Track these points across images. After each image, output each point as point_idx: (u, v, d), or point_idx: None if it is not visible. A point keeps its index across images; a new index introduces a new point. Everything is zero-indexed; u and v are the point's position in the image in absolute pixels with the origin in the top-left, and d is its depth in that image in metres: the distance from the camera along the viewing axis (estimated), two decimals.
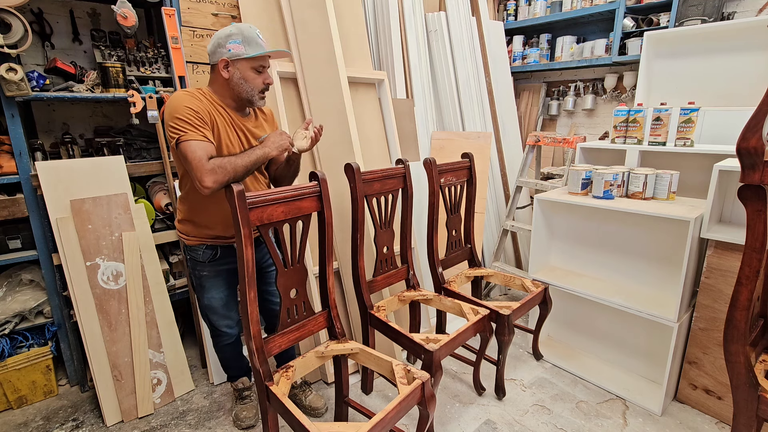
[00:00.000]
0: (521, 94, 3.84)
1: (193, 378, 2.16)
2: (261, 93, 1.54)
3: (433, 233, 2.09)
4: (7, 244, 1.97)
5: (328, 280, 1.64)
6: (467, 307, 1.88)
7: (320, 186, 1.56)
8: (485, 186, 2.79)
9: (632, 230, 2.12)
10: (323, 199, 1.56)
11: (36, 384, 2.04)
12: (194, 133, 1.36)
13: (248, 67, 1.48)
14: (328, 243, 1.61)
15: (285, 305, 1.51)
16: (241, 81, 1.49)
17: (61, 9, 2.25)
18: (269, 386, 1.39)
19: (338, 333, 1.66)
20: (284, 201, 1.45)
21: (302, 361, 1.56)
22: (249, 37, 1.46)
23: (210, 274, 1.68)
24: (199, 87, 1.55)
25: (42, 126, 2.28)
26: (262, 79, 1.52)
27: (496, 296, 3.11)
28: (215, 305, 1.72)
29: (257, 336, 1.39)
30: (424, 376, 1.40)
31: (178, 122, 1.36)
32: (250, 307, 1.37)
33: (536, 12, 3.46)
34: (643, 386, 2.07)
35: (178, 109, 1.38)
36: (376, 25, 2.81)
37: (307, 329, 1.59)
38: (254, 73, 1.50)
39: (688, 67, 2.53)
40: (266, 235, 1.43)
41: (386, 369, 1.51)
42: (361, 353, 1.60)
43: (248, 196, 1.33)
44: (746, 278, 1.16)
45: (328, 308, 1.66)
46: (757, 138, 1.04)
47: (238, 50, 1.45)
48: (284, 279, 1.50)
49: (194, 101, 1.42)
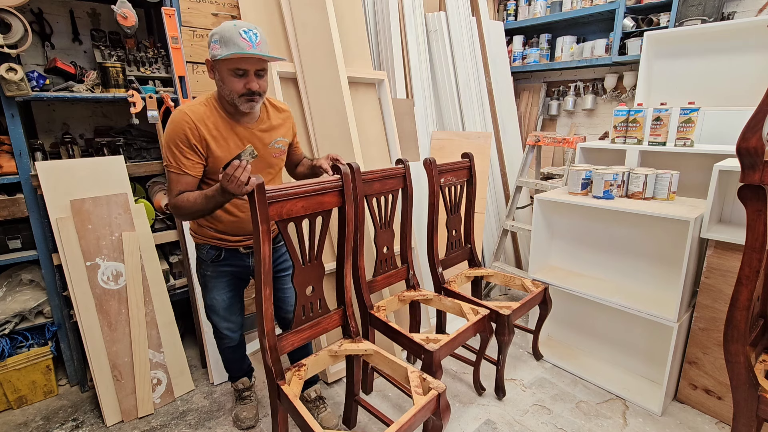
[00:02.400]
0: (521, 94, 3.84)
1: (193, 378, 2.16)
2: (243, 97, 1.41)
3: (433, 233, 2.09)
4: (7, 244, 1.97)
5: (346, 277, 1.61)
6: (467, 307, 1.88)
7: (343, 181, 1.50)
8: (485, 186, 2.79)
9: (632, 230, 2.12)
10: (345, 195, 1.51)
11: (36, 384, 2.04)
12: (174, 165, 1.41)
13: (225, 69, 1.37)
14: (348, 240, 1.56)
15: (300, 302, 1.48)
16: (221, 83, 1.42)
17: (61, 9, 2.25)
18: (281, 385, 1.37)
19: (353, 332, 1.63)
20: (305, 196, 1.40)
21: (315, 359, 1.54)
22: (226, 37, 1.33)
23: (213, 274, 1.66)
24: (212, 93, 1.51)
25: (42, 126, 2.28)
26: (243, 83, 1.38)
27: (496, 296, 3.11)
28: (217, 306, 1.71)
29: (270, 333, 1.37)
30: (440, 387, 1.35)
31: (167, 151, 1.42)
32: (265, 304, 1.34)
33: (536, 12, 3.46)
34: (643, 386, 2.07)
35: (169, 135, 1.41)
36: (376, 25, 2.81)
37: (321, 327, 1.56)
38: (233, 76, 1.37)
39: (688, 67, 2.53)
40: (285, 231, 1.39)
41: (400, 375, 1.47)
42: (375, 355, 1.57)
43: (268, 190, 1.28)
44: (746, 278, 1.16)
45: (344, 306, 1.63)
46: (757, 138, 1.04)
47: (215, 51, 1.36)
48: (301, 276, 1.46)
49: (183, 126, 1.39)
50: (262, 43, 1.37)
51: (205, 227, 1.60)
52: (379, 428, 1.83)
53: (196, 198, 1.37)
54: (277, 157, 1.62)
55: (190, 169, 1.42)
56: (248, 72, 1.38)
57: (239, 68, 1.36)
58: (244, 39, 1.33)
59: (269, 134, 1.57)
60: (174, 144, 1.40)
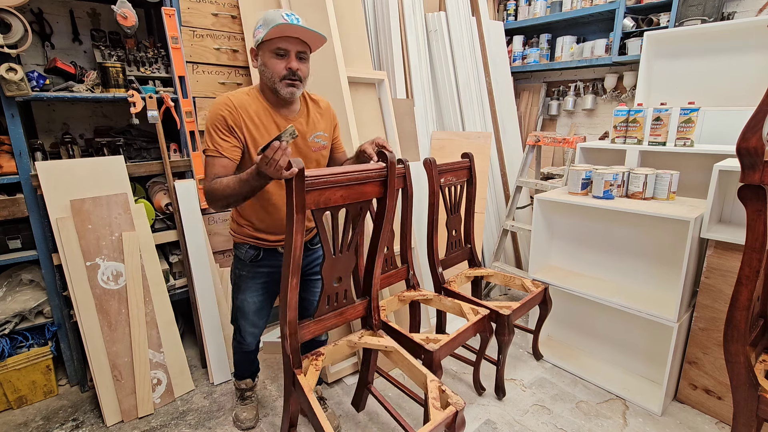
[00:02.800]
0: (521, 94, 3.84)
1: (193, 378, 2.16)
2: (284, 80, 1.39)
3: (433, 233, 2.09)
4: (7, 244, 1.97)
5: (376, 269, 1.55)
6: (467, 307, 1.88)
7: (388, 170, 1.40)
8: (485, 186, 2.79)
9: (632, 230, 2.12)
10: (388, 185, 1.41)
11: (36, 384, 2.04)
12: (212, 147, 1.39)
13: (267, 51, 1.37)
14: (384, 232, 1.49)
15: (326, 292, 1.44)
16: (263, 68, 1.41)
17: (61, 9, 2.25)
18: (297, 374, 1.36)
19: (375, 325, 1.59)
20: (346, 184, 1.31)
21: (333, 348, 1.52)
22: (269, 19, 1.34)
23: (248, 275, 1.63)
24: (255, 84, 1.51)
25: (42, 126, 2.28)
26: (285, 64, 1.38)
27: (496, 296, 3.11)
28: (246, 309, 1.67)
29: (293, 322, 1.34)
30: (459, 404, 1.28)
31: (206, 134, 1.41)
32: (290, 293, 1.31)
33: (536, 12, 3.46)
34: (643, 386, 2.07)
35: (209, 118, 1.41)
36: (376, 25, 2.81)
37: (343, 317, 1.52)
38: (274, 57, 1.37)
39: (688, 67, 2.53)
40: (320, 220, 1.33)
41: (419, 380, 1.42)
42: (395, 354, 1.51)
43: (307, 176, 1.20)
44: (746, 278, 1.16)
45: (369, 297, 1.59)
46: (757, 138, 1.04)
47: (258, 35, 1.37)
48: (330, 266, 1.40)
49: (226, 108, 1.39)
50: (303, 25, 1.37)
51: (245, 226, 1.58)
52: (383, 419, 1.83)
53: (229, 181, 1.32)
54: (317, 151, 1.58)
55: (227, 152, 1.39)
56: (289, 53, 1.38)
57: (280, 48, 1.36)
58: (285, 19, 1.33)
59: (309, 127, 1.55)
60: (212, 126, 1.39)
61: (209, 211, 2.37)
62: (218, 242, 2.42)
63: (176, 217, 2.17)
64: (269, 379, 2.21)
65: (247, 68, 2.40)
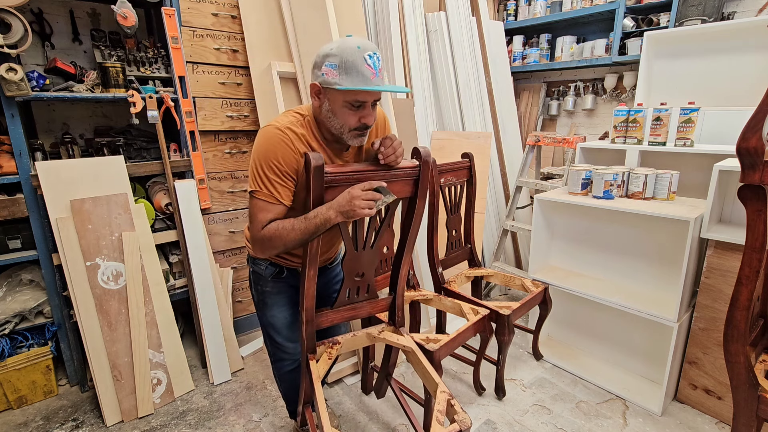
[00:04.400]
0: (521, 94, 3.84)
1: (193, 378, 2.16)
2: (354, 131, 1.23)
3: (433, 233, 2.09)
4: (7, 244, 1.97)
5: (402, 268, 1.51)
6: (467, 307, 1.88)
7: (421, 169, 1.33)
8: (485, 186, 2.79)
9: (632, 230, 2.12)
10: (420, 185, 1.34)
11: (36, 384, 2.04)
12: (265, 192, 1.21)
13: (341, 99, 1.17)
14: (412, 233, 1.45)
15: (346, 286, 1.41)
16: (329, 114, 1.21)
17: (61, 9, 2.25)
18: (310, 359, 1.39)
19: (397, 322, 1.57)
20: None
21: (351, 339, 1.52)
22: (348, 62, 1.13)
23: (273, 290, 1.49)
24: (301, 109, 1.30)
25: (42, 126, 2.28)
26: (359, 117, 1.20)
27: (496, 296, 3.11)
28: (278, 324, 1.53)
29: (310, 309, 1.35)
30: (465, 423, 1.20)
31: (258, 173, 1.21)
32: (308, 283, 1.30)
33: (536, 12, 3.46)
34: (643, 386, 2.07)
35: (263, 155, 1.20)
36: (376, 25, 2.81)
37: (365, 310, 1.51)
38: (348, 108, 1.18)
39: (688, 67, 2.53)
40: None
41: (431, 386, 1.40)
42: (412, 354, 1.48)
43: (327, 173, 1.15)
44: (746, 278, 1.16)
45: (395, 294, 1.56)
46: (757, 138, 1.04)
47: (331, 77, 1.15)
48: (352, 262, 1.37)
49: (282, 147, 1.20)
50: (382, 68, 1.21)
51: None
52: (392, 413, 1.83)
53: (294, 224, 1.18)
54: None
55: (285, 198, 1.23)
56: (366, 104, 1.19)
57: (358, 100, 1.17)
58: (369, 66, 1.14)
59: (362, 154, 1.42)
60: (268, 167, 1.19)
61: (209, 211, 2.37)
62: (218, 242, 2.42)
63: (176, 217, 2.17)
64: (269, 379, 2.21)
65: (247, 68, 2.39)
